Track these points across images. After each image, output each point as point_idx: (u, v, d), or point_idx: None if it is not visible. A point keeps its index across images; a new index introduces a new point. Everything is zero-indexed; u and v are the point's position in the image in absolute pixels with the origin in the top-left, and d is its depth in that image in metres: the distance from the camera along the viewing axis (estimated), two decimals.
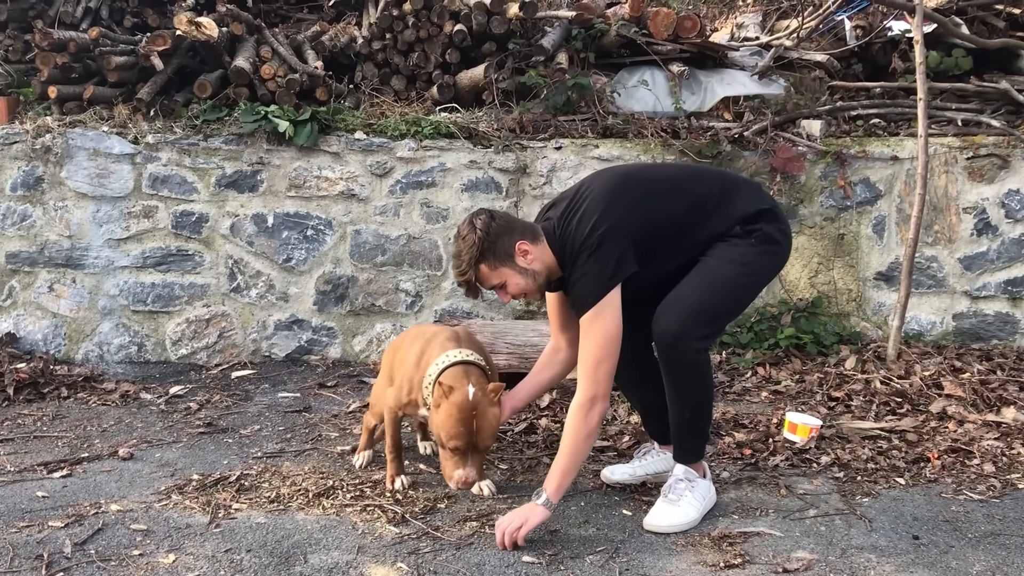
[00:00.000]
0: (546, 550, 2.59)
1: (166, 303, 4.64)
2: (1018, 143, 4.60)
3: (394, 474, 3.03)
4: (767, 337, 4.51)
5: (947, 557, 2.59)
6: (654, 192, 2.77)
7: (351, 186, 4.64)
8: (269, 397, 4.19)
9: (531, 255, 2.71)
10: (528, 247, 2.71)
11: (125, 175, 4.59)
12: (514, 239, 2.70)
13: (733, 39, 5.76)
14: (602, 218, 2.65)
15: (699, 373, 2.74)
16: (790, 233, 2.88)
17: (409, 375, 2.91)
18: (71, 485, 3.11)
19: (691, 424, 2.81)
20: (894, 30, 5.11)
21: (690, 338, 2.66)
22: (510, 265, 2.71)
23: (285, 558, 2.54)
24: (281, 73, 4.74)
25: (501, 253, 2.69)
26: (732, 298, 2.78)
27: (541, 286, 2.78)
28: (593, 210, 2.68)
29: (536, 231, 2.76)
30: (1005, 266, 4.66)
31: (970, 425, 3.60)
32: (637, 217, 2.69)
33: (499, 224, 2.71)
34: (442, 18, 4.94)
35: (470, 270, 2.70)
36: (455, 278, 2.82)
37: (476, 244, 2.67)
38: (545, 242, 2.74)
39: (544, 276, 2.76)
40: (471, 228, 2.69)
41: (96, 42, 4.72)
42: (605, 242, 2.63)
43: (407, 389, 2.91)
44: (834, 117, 4.88)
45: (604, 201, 2.70)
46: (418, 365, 2.89)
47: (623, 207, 2.69)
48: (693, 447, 2.85)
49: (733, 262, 2.73)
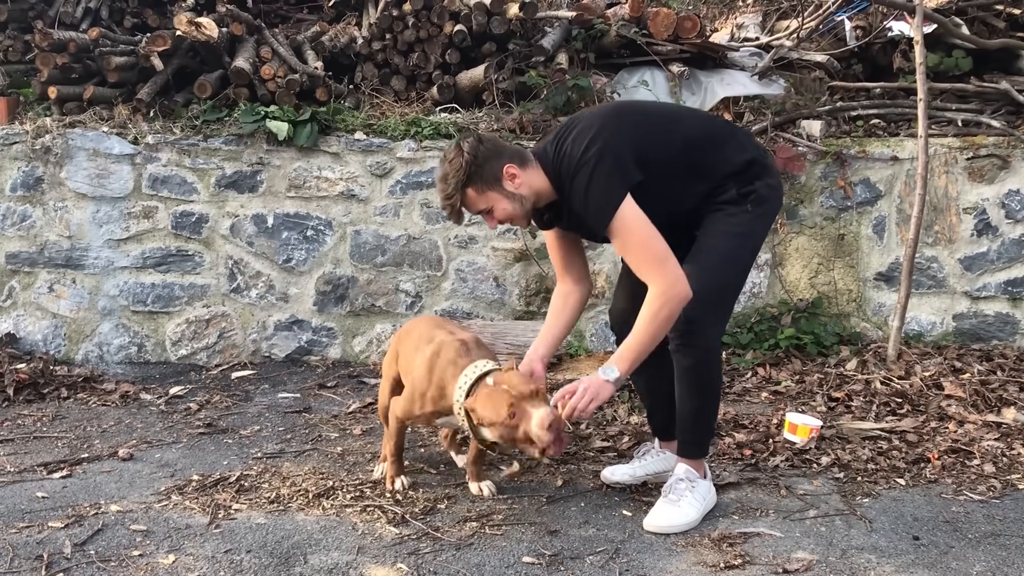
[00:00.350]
0: (546, 551, 2.59)
1: (166, 303, 4.64)
2: (1018, 143, 4.60)
3: (394, 475, 3.03)
4: (767, 338, 4.51)
5: (947, 558, 2.59)
6: (648, 121, 2.76)
7: (351, 186, 4.64)
8: (269, 398, 4.19)
9: (519, 179, 2.68)
10: (516, 171, 2.67)
11: (125, 175, 4.59)
12: (502, 163, 2.66)
13: (733, 39, 5.76)
14: (597, 136, 2.63)
15: (710, 361, 2.75)
16: (780, 185, 2.87)
17: (421, 390, 2.83)
18: (71, 486, 3.11)
19: (698, 416, 2.81)
20: (894, 30, 5.11)
21: (703, 324, 2.68)
22: (497, 189, 2.67)
23: (285, 559, 2.54)
24: (281, 73, 4.74)
25: (489, 177, 2.65)
26: (735, 272, 2.78)
27: (528, 212, 2.74)
28: (587, 129, 2.66)
29: (524, 155, 2.72)
30: (1005, 266, 4.66)
31: (970, 425, 3.60)
32: (632, 138, 2.65)
33: (487, 148, 2.67)
34: (442, 18, 4.94)
35: (456, 194, 2.66)
36: (440, 203, 2.77)
37: (463, 168, 2.63)
38: (535, 166, 2.71)
39: (531, 202, 2.72)
40: (458, 152, 2.65)
41: (96, 42, 4.72)
42: (605, 156, 2.59)
43: (419, 404, 2.85)
44: (834, 117, 4.88)
45: (598, 122, 2.68)
46: (431, 380, 2.81)
47: (617, 127, 2.67)
48: (698, 442, 2.85)
49: (730, 235, 2.72)
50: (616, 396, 3.93)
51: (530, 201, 2.72)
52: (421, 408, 2.85)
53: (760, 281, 4.68)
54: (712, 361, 2.76)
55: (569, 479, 3.16)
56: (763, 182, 2.76)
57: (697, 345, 2.71)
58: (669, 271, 2.57)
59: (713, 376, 2.79)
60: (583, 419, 2.47)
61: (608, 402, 3.89)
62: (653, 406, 3.10)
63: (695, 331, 2.68)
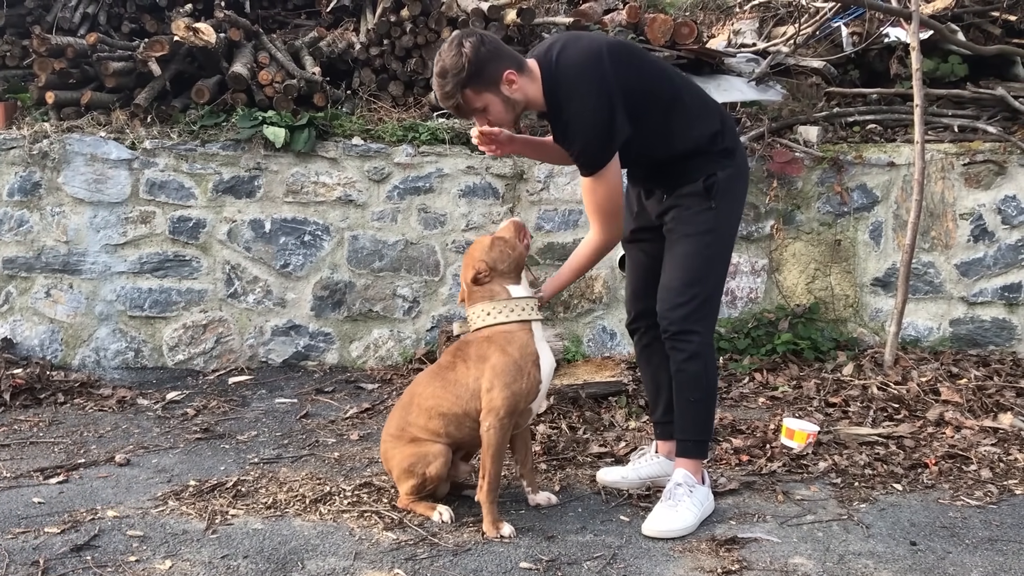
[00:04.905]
0: (543, 556, 2.59)
1: (163, 308, 4.64)
2: (1014, 149, 4.62)
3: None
4: (764, 343, 4.51)
5: (944, 563, 2.59)
6: (640, 57, 2.80)
7: (348, 192, 4.64)
8: (266, 403, 4.18)
9: (516, 85, 2.68)
10: (515, 77, 2.68)
11: (122, 180, 4.59)
12: (502, 67, 2.66)
13: (730, 45, 5.77)
14: (595, 67, 2.65)
15: (701, 354, 2.79)
16: (745, 163, 2.91)
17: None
18: (67, 491, 3.10)
19: (695, 412, 2.84)
20: (891, 37, 5.12)
21: (690, 322, 2.76)
22: (494, 92, 2.68)
23: (282, 564, 2.54)
24: (279, 79, 4.74)
25: (487, 79, 2.66)
26: (711, 266, 2.82)
27: (517, 117, 2.80)
28: (585, 56, 2.68)
29: (522, 61, 2.73)
30: (1001, 272, 4.67)
31: (967, 431, 3.60)
32: (625, 74, 2.68)
33: (487, 49, 2.66)
34: (440, 24, 4.95)
35: (457, 93, 2.66)
36: (440, 101, 2.77)
37: (464, 68, 2.63)
38: (531, 74, 2.72)
39: (522, 107, 2.75)
40: (459, 49, 2.64)
41: (94, 48, 4.72)
42: (597, 99, 2.63)
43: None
44: (831, 123, 4.89)
45: (595, 52, 2.69)
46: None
47: (615, 61, 2.69)
48: (696, 440, 2.87)
49: (699, 235, 2.78)
50: (613, 401, 3.94)
51: (521, 106, 2.75)
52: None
53: (757, 286, 4.69)
54: (703, 354, 2.80)
55: (567, 484, 3.16)
56: (725, 172, 2.79)
57: (689, 340, 2.78)
58: (615, 225, 2.80)
59: (706, 371, 2.82)
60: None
61: (606, 407, 3.91)
62: (655, 398, 3.12)
63: (684, 330, 2.77)
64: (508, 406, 2.67)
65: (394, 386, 4.36)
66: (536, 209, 4.66)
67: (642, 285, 3.02)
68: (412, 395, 2.89)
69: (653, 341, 2.99)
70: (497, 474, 2.73)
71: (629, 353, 4.63)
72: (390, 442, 2.89)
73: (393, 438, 2.88)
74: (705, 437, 2.90)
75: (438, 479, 2.80)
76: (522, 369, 2.69)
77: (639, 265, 3.05)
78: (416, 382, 2.94)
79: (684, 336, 2.78)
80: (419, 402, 2.85)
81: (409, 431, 2.84)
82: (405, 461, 2.80)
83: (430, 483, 2.80)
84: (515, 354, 2.70)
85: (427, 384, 2.87)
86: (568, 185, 4.63)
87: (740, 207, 2.92)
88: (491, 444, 2.69)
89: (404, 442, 2.84)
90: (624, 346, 4.67)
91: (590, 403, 3.92)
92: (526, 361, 2.70)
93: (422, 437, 2.81)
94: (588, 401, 3.92)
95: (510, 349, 2.70)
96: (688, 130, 2.77)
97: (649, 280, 2.96)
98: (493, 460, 2.70)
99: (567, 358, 4.52)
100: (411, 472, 2.80)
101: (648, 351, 3.07)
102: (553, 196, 4.66)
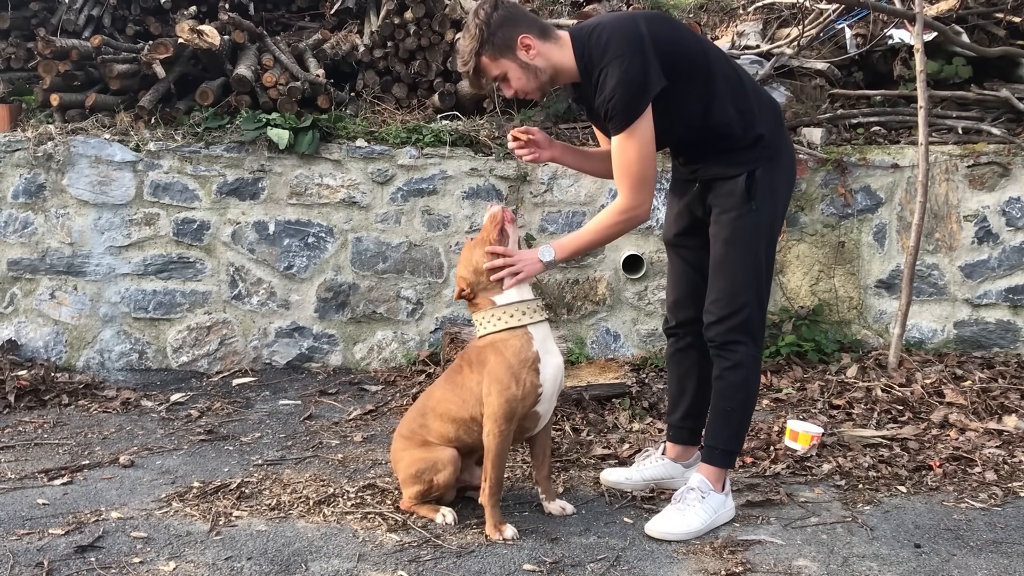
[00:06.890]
0: (547, 558, 2.59)
1: (167, 310, 4.65)
2: (1018, 151, 4.61)
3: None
4: (768, 345, 4.51)
5: (949, 565, 2.58)
6: (677, 24, 2.78)
7: (352, 193, 4.65)
8: (270, 404, 4.19)
9: (534, 50, 2.66)
10: (532, 42, 2.65)
11: (127, 183, 4.60)
12: (517, 31, 2.64)
13: (734, 47, 5.77)
14: (632, 35, 2.60)
15: (748, 364, 2.76)
16: (788, 150, 2.83)
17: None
18: (72, 492, 3.10)
19: (730, 420, 2.81)
20: (895, 38, 5.12)
21: (735, 332, 2.73)
22: (510, 58, 2.66)
23: (286, 566, 2.54)
24: (283, 81, 4.75)
25: (501, 45, 2.64)
26: (759, 273, 2.76)
27: (543, 84, 2.73)
28: (622, 26, 2.63)
29: (547, 28, 2.70)
30: (1006, 274, 4.66)
31: (972, 433, 3.60)
32: (661, 37, 2.63)
33: (500, 15, 2.64)
34: (443, 26, 4.95)
35: (472, 60, 2.66)
36: (460, 71, 2.79)
37: (476, 35, 2.63)
38: (559, 41, 2.68)
39: (548, 75, 2.70)
40: (475, 16, 2.65)
41: (98, 50, 4.73)
42: (631, 52, 2.57)
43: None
44: (835, 125, 4.89)
45: (632, 23, 2.65)
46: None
47: (639, 19, 2.66)
48: (725, 450, 2.84)
49: (744, 240, 2.72)
50: (617, 403, 3.94)
51: (547, 74, 2.70)
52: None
53: None
54: (747, 365, 2.76)
55: (570, 486, 3.16)
56: (765, 169, 2.72)
57: (734, 351, 2.75)
58: (644, 194, 2.66)
59: (747, 381, 2.79)
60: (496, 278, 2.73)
61: (609, 409, 3.90)
62: (675, 402, 3.10)
63: (730, 341, 2.74)
64: (504, 412, 2.67)
65: (398, 388, 4.36)
66: (540, 211, 4.66)
67: (684, 295, 2.97)
68: (427, 398, 2.91)
69: (688, 347, 2.99)
70: (499, 478, 2.72)
71: (633, 355, 4.63)
72: (400, 443, 2.89)
73: (404, 439, 2.88)
74: (735, 448, 2.87)
75: (445, 488, 2.81)
76: (516, 375, 2.68)
77: (681, 274, 2.99)
78: (432, 386, 2.96)
79: (730, 347, 2.75)
80: (432, 405, 2.86)
81: (420, 433, 2.85)
82: (413, 466, 2.81)
83: (437, 491, 2.81)
84: (510, 359, 2.69)
85: (439, 388, 2.89)
86: (572, 187, 4.63)
87: (784, 202, 2.85)
88: (491, 449, 2.69)
89: (415, 444, 2.84)
90: (627, 348, 4.67)
91: (594, 405, 3.92)
92: (521, 366, 2.69)
93: (433, 441, 2.82)
94: (592, 403, 3.92)
95: (505, 354, 2.70)
96: (726, 104, 2.70)
97: (691, 290, 2.93)
98: (494, 464, 2.70)
99: (571, 360, 4.52)
100: (419, 478, 2.80)
101: (680, 355, 3.04)
102: (557, 198, 4.66)
